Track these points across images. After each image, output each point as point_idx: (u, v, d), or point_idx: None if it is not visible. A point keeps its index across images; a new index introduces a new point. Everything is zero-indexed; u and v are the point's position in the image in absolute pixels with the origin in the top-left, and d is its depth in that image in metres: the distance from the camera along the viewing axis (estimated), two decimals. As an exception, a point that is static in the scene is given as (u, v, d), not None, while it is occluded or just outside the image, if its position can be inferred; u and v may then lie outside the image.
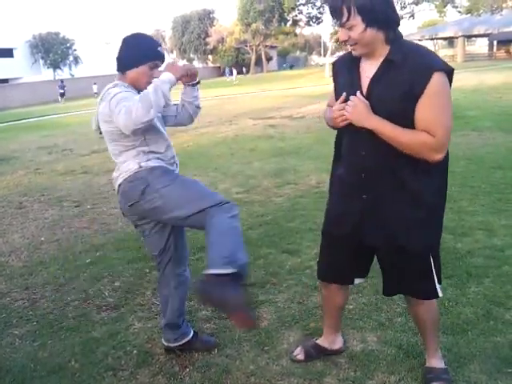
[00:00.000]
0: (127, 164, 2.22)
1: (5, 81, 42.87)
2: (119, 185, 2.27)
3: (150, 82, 2.13)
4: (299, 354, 2.46)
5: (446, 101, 1.80)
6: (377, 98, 1.86)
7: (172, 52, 66.96)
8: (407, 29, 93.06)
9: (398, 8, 48.21)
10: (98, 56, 51.51)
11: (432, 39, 51.23)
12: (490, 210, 4.51)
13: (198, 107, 2.51)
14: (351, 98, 1.89)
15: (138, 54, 2.22)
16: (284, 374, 2.37)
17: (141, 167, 2.20)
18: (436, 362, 2.25)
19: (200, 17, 61.70)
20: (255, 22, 51.61)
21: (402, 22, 1.91)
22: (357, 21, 1.74)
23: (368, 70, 1.89)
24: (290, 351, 2.52)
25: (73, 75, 48.05)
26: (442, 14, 47.51)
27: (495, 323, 2.66)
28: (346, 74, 2.01)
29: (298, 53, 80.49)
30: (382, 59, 1.84)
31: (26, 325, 3.00)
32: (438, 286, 2.09)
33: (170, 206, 2.13)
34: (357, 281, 2.30)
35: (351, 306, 2.94)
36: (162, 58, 2.29)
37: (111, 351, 2.65)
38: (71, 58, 49.61)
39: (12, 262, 4.09)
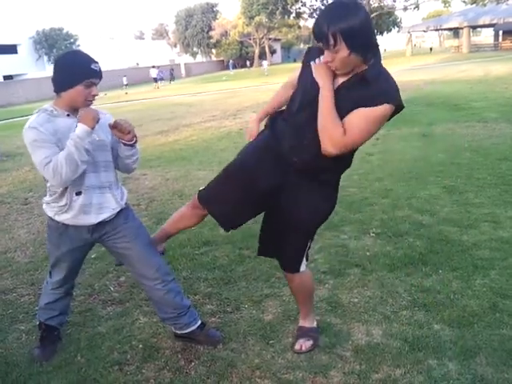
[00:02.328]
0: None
1: (9, 77, 42.98)
2: None
3: (89, 101, 2.19)
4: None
5: (372, 127, 1.97)
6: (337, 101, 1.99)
7: (175, 46, 66.84)
8: (412, 20, 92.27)
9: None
10: (101, 51, 51.51)
11: (437, 30, 50.96)
12: (496, 201, 4.48)
13: (134, 163, 2.41)
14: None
15: (71, 74, 2.15)
16: (289, 367, 2.37)
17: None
18: (305, 322, 2.58)
19: (203, 10, 61.52)
20: (258, 15, 51.40)
21: (406, 13, 2.00)
22: (342, 46, 1.84)
23: (337, 77, 2.00)
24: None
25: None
26: (447, 5, 47.17)
27: (501, 316, 2.65)
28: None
29: (301, 45, 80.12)
30: (353, 73, 1.96)
31: (32, 320, 3.01)
32: (303, 263, 2.41)
33: None
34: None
35: (356, 300, 2.94)
36: (97, 75, 2.19)
37: (117, 346, 2.66)
38: (75, 54, 49.62)
39: (18, 258, 4.11)
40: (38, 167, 2.14)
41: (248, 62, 58.48)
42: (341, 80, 1.99)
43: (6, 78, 42.42)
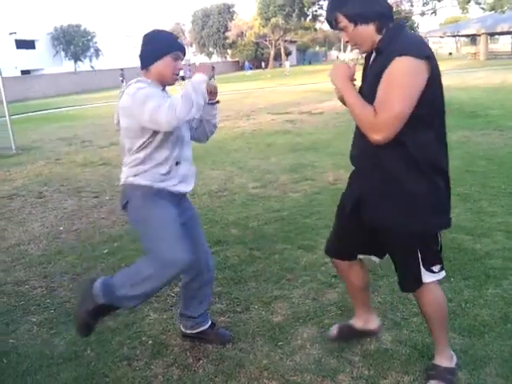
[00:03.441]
0: (125, 169, 2.34)
1: (27, 72, 43.48)
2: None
3: (176, 74, 2.27)
4: (334, 330, 2.55)
5: (399, 84, 1.79)
6: (365, 85, 2.01)
7: (191, 46, 67.09)
8: (428, 26, 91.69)
9: (420, 4, 47.61)
10: (118, 49, 51.89)
11: (454, 36, 50.46)
12: (509, 210, 4.43)
13: (215, 126, 2.59)
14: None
15: (160, 46, 2.25)
16: (297, 369, 2.37)
17: (126, 180, 2.32)
18: (441, 360, 2.22)
19: (220, 11, 61.68)
20: (275, 17, 51.37)
21: (423, 18, 1.99)
22: (345, 22, 1.92)
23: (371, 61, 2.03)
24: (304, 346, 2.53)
25: (93, 67, 48.51)
26: (465, 11, 46.72)
27: (513, 326, 2.63)
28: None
29: (317, 48, 79.97)
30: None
31: (43, 312, 3.06)
32: (424, 273, 2.06)
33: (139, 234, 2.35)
34: (362, 256, 2.34)
35: (366, 304, 2.92)
36: (182, 50, 2.31)
37: (127, 341, 2.68)
38: (92, 51, 50.08)
39: (31, 251, 4.16)
40: (151, 113, 2.05)
41: (263, 63, 58.48)
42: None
43: (24, 72, 42.90)
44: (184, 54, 2.33)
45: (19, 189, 6.48)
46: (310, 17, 52.98)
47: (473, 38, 56.72)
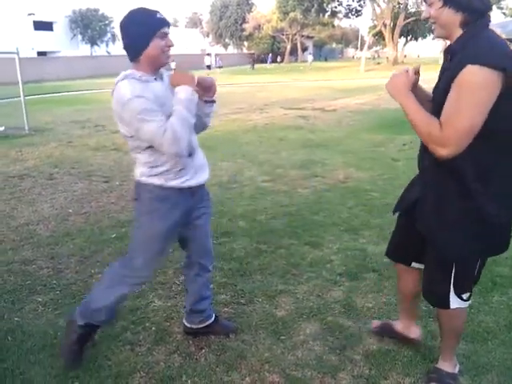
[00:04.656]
0: (139, 166, 2.21)
1: (43, 54, 43.64)
2: None
3: (167, 52, 2.06)
4: (376, 325, 2.59)
5: (467, 97, 1.65)
6: (438, 88, 1.85)
7: (208, 36, 66.97)
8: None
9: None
10: (135, 35, 51.83)
11: (474, 40, 49.80)
12: (520, 219, 4.40)
13: (207, 124, 2.36)
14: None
15: (142, 31, 2.00)
16: (298, 364, 2.38)
17: (140, 178, 2.21)
18: (445, 365, 2.22)
19: (239, 2, 61.49)
20: (293, 11, 51.07)
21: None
22: None
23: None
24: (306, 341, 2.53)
25: (109, 53, 48.57)
26: (487, 15, 46.08)
27: (517, 335, 2.61)
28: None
29: (334, 45, 79.50)
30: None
31: (49, 293, 3.08)
32: (453, 297, 2.02)
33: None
34: (415, 265, 2.27)
35: (370, 304, 2.92)
36: (166, 23, 2.05)
37: (130, 326, 2.70)
38: (109, 36, 50.12)
39: (40, 231, 4.19)
40: (154, 137, 1.95)
41: (279, 57, 58.26)
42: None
43: (40, 54, 43.07)
44: (168, 26, 2.06)
45: (30, 169, 6.53)
46: (328, 13, 52.59)
47: (492, 43, 55.98)
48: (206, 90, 2.18)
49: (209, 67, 38.65)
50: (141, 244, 2.25)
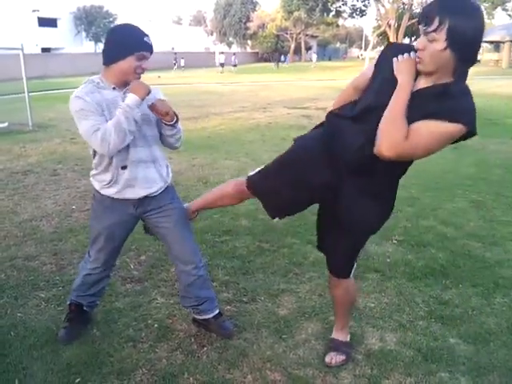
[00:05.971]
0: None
1: (47, 50, 43.68)
2: None
3: (139, 74, 2.16)
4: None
5: (436, 143, 1.78)
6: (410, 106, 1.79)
7: (212, 34, 66.94)
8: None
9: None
10: (139, 33, 51.83)
11: (478, 42, 49.58)
12: (523, 221, 4.39)
13: (175, 144, 2.41)
14: (407, 55, 1.81)
15: (125, 45, 2.10)
16: (300, 363, 2.38)
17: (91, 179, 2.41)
18: (339, 335, 2.49)
19: (243, 1, 61.32)
20: (298, 10, 51.05)
21: None
22: (441, 36, 1.65)
23: (418, 79, 1.81)
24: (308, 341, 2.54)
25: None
26: (490, 17, 46.07)
27: (519, 337, 2.61)
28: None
29: (338, 44, 79.40)
30: (437, 82, 1.76)
31: (52, 289, 3.09)
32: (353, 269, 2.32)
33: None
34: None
35: (372, 305, 2.92)
36: (149, 48, 2.15)
37: (133, 323, 2.71)
38: (113, 33, 50.14)
39: (43, 227, 4.20)
40: (85, 135, 2.10)
41: (282, 57, 58.21)
42: (420, 85, 1.80)
43: (44, 50, 43.11)
44: (151, 53, 2.16)
45: (34, 165, 6.54)
46: (333, 12, 52.61)
47: (496, 45, 55.84)
48: (159, 114, 2.19)
49: (222, 65, 38.57)
50: (91, 238, 2.49)
